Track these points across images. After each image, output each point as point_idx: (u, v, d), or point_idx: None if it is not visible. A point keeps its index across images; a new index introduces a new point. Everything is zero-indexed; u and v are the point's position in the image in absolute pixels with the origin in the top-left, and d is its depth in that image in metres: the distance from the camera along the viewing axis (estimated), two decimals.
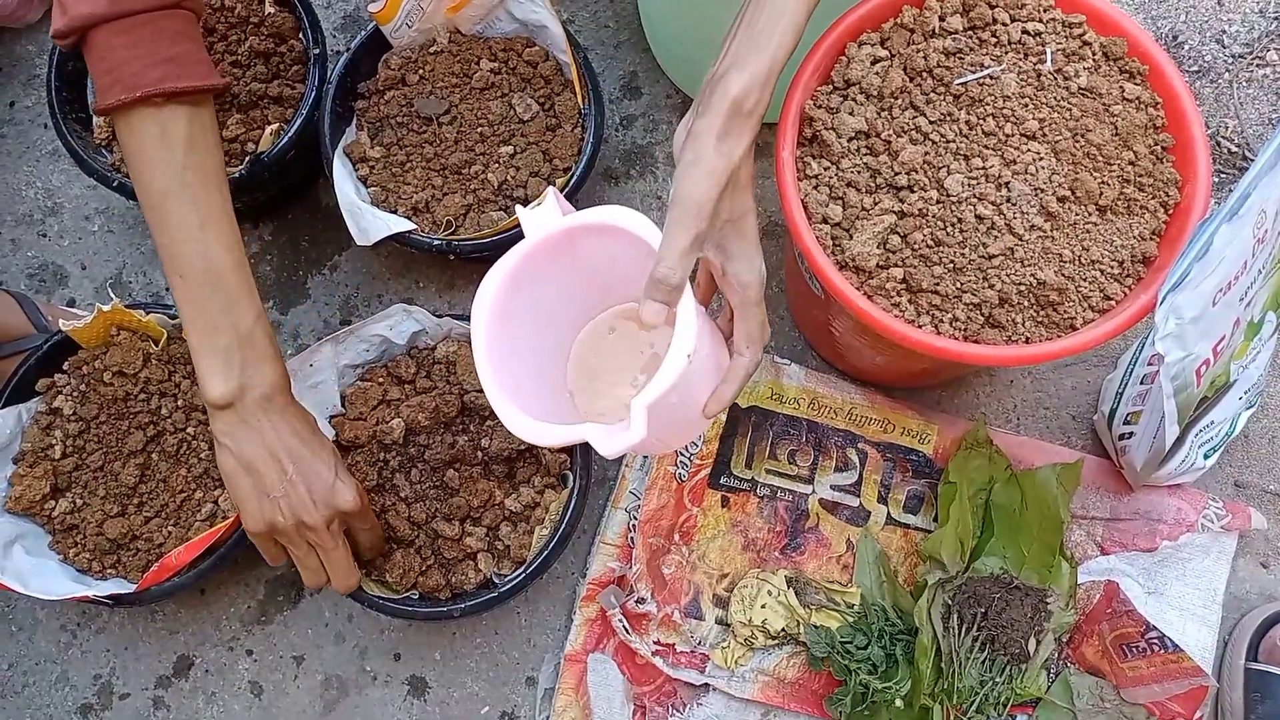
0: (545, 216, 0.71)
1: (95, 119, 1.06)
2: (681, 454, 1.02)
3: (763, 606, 0.96)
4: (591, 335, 0.80)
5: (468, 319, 0.95)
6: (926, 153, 0.77)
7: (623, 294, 0.78)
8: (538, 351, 0.76)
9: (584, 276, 0.75)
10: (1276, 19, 1.14)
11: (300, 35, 1.06)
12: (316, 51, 1.03)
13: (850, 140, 0.80)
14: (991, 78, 0.78)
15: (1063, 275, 0.76)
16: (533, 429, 0.68)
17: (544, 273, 0.73)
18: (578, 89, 1.01)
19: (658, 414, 0.64)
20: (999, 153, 0.77)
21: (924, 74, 0.79)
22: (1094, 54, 0.79)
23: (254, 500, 0.79)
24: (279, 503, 0.78)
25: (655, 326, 0.66)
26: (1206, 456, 0.95)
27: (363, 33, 1.04)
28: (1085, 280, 0.76)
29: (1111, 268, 0.77)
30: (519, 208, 0.72)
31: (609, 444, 0.63)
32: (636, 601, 0.98)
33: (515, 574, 0.90)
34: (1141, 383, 0.96)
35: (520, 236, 0.98)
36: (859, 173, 0.79)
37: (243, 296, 0.78)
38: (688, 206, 0.64)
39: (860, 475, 1.02)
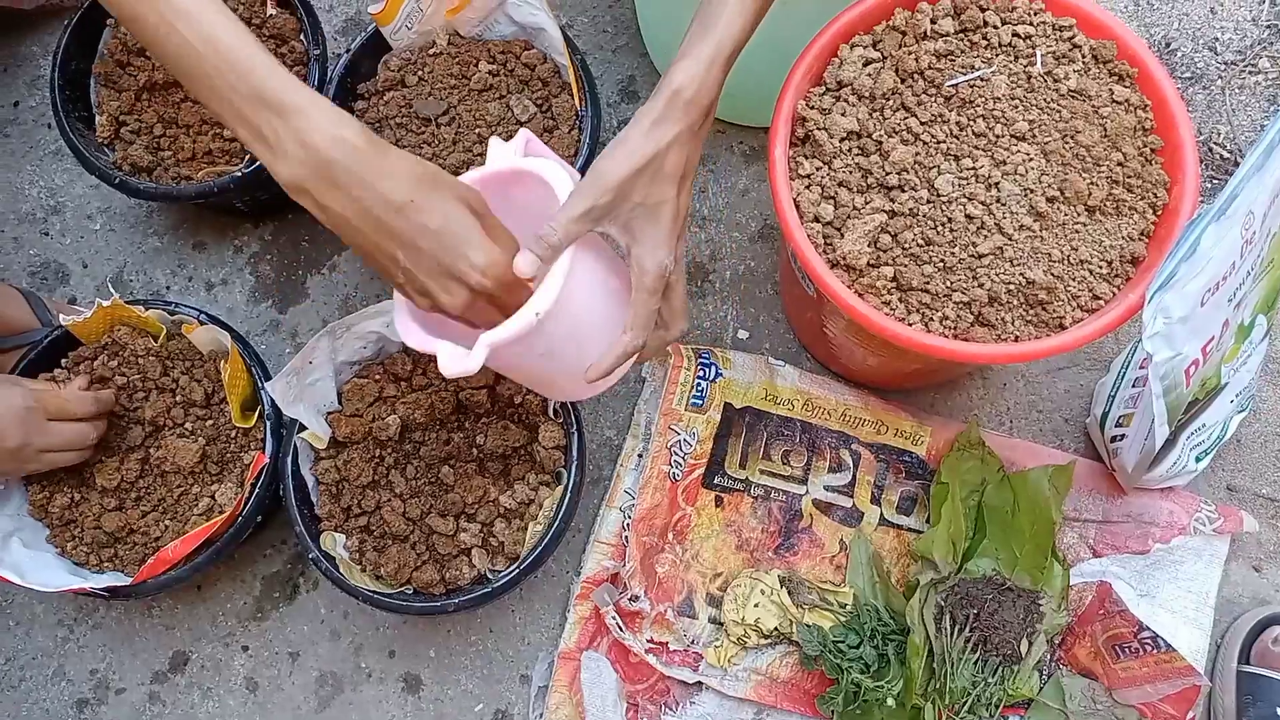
0: (506, 151, 0.74)
1: (98, 118, 1.07)
2: (676, 454, 1.03)
3: (756, 606, 0.97)
4: None
5: None
6: (917, 153, 0.78)
7: None
8: None
9: (525, 221, 0.76)
10: (1269, 27, 1.15)
11: (301, 37, 1.07)
12: (317, 53, 1.04)
13: (842, 140, 0.80)
14: (982, 79, 0.79)
15: (1052, 275, 0.76)
16: (405, 327, 0.73)
17: (494, 203, 0.73)
18: (575, 91, 1.02)
19: (519, 357, 0.69)
20: (989, 153, 0.78)
21: (915, 75, 0.80)
22: (1084, 56, 0.80)
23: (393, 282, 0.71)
24: (408, 289, 0.71)
25: (526, 277, 0.68)
26: (1198, 460, 0.95)
27: (363, 34, 1.05)
28: (1074, 280, 0.77)
29: (1100, 267, 0.77)
30: (493, 139, 0.75)
31: (449, 364, 0.68)
32: (630, 600, 0.98)
33: (509, 570, 0.91)
34: (1133, 386, 0.96)
35: None
36: (850, 172, 0.80)
37: (246, 61, 0.64)
38: (595, 178, 0.67)
39: (854, 476, 1.03)
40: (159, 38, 0.64)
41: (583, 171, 0.99)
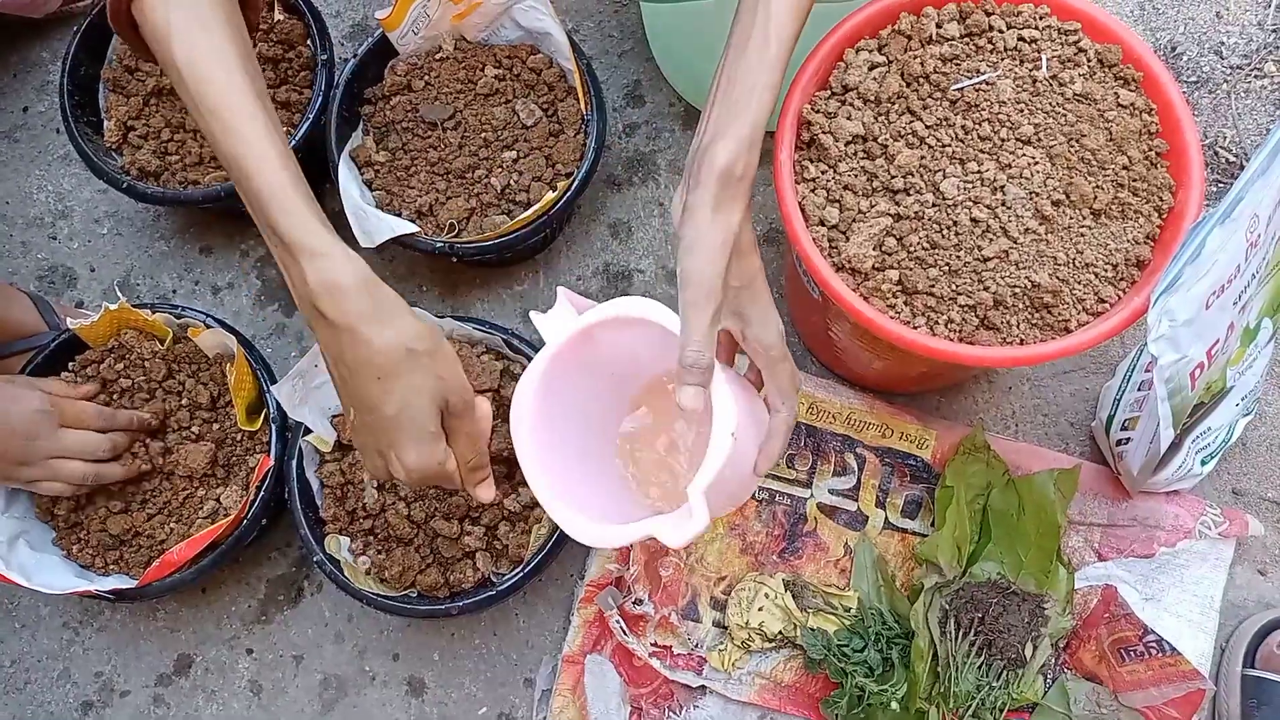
0: (561, 319, 0.72)
1: (106, 123, 1.08)
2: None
3: (760, 609, 0.97)
4: (632, 421, 0.82)
5: (469, 321, 0.97)
6: (923, 156, 0.78)
7: (654, 372, 0.80)
8: (583, 450, 0.77)
9: (612, 367, 0.76)
10: (1274, 31, 1.15)
11: (308, 42, 1.08)
12: (324, 58, 1.05)
13: (847, 144, 0.80)
14: (987, 83, 0.79)
15: (1057, 278, 0.76)
16: (599, 533, 0.69)
17: (572, 372, 0.74)
18: (581, 96, 1.03)
19: (714, 491, 0.65)
20: (994, 157, 0.78)
21: (921, 80, 0.80)
22: (1089, 60, 0.80)
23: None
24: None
25: (696, 411, 0.66)
26: (1204, 463, 0.95)
27: (370, 39, 1.05)
28: (1079, 283, 0.77)
29: (1105, 271, 0.77)
30: (534, 314, 0.73)
31: (677, 536, 0.64)
32: (634, 603, 0.98)
33: (513, 573, 0.91)
34: (1139, 389, 0.96)
35: (517, 243, 1.00)
36: (856, 176, 0.80)
37: (266, 193, 0.67)
38: (699, 286, 0.65)
39: (858, 480, 1.03)
40: (201, 130, 0.68)
41: (584, 175, 1.00)
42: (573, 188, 1.00)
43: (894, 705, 0.91)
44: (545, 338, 0.72)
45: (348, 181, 1.01)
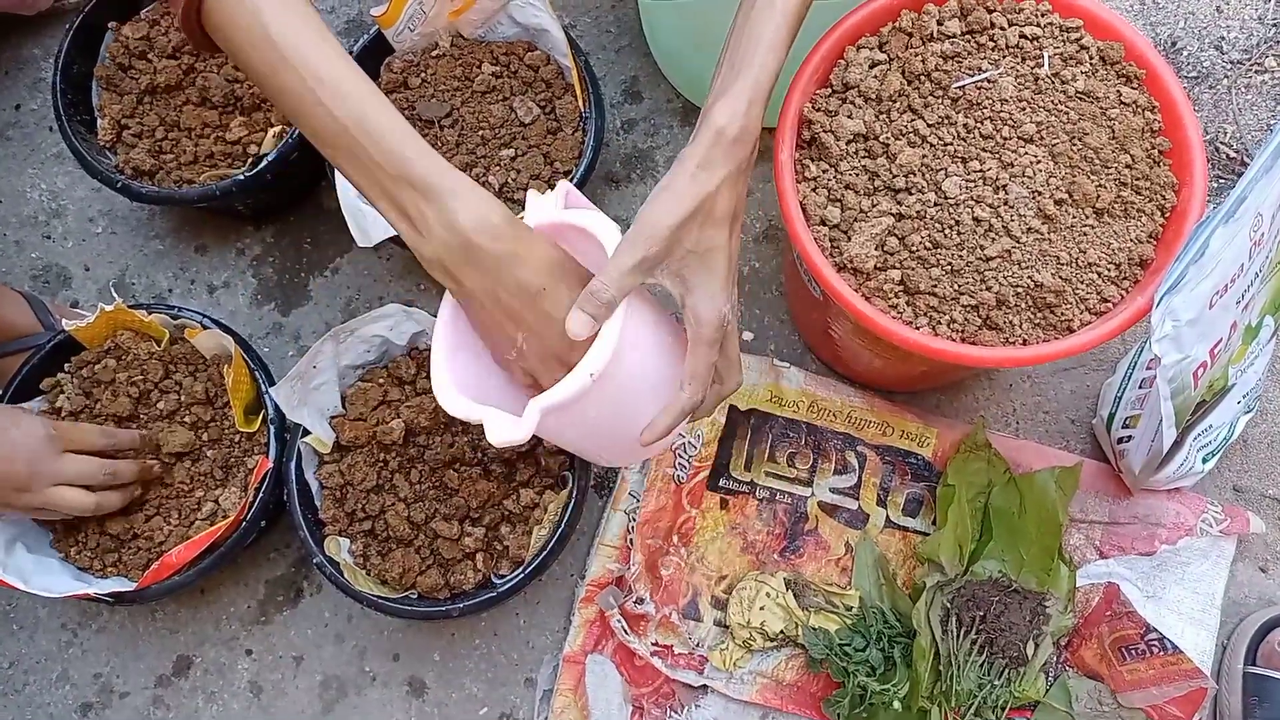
0: (547, 205, 0.71)
1: (100, 122, 1.07)
2: (680, 456, 1.03)
3: (761, 608, 0.97)
4: None
5: None
6: (924, 155, 0.78)
7: None
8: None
9: None
10: (1275, 26, 1.15)
11: None
12: None
13: (849, 143, 0.80)
14: (989, 81, 0.78)
15: (1060, 277, 0.76)
16: (447, 395, 0.69)
17: None
18: (578, 92, 1.02)
19: (571, 423, 0.65)
20: (996, 155, 0.77)
21: (922, 77, 0.80)
22: (1091, 58, 0.80)
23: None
24: (513, 366, 0.72)
25: (576, 337, 0.65)
26: (1205, 461, 0.95)
27: (365, 36, 1.04)
28: (1082, 282, 0.77)
29: (1108, 270, 0.77)
30: (531, 192, 0.73)
31: (498, 432, 0.65)
32: (635, 602, 0.98)
33: (514, 574, 0.90)
34: (1140, 387, 0.96)
35: None
36: (857, 175, 0.79)
37: (396, 144, 0.66)
38: (643, 227, 0.64)
39: (859, 478, 1.02)
40: (304, 110, 0.65)
41: (583, 173, 1.00)
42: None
43: (896, 704, 0.91)
44: (527, 214, 0.72)
45: (345, 180, 1.00)
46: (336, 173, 1.00)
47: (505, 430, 0.64)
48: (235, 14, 0.65)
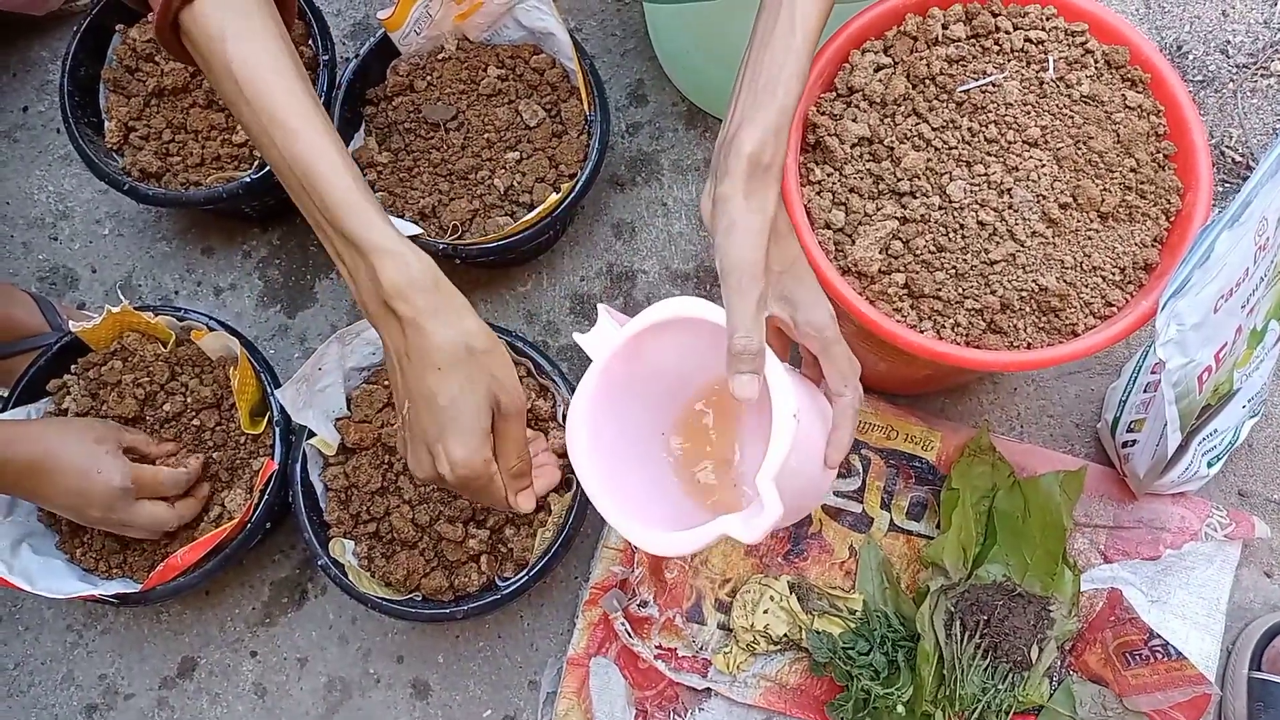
0: (605, 333, 0.70)
1: (107, 124, 1.07)
2: None
3: (765, 612, 0.96)
4: (687, 425, 0.79)
5: None
6: (929, 159, 0.78)
7: (704, 377, 0.77)
8: (644, 459, 0.75)
9: (662, 373, 0.74)
10: None
11: (310, 42, 1.07)
12: (326, 58, 1.04)
13: (853, 146, 0.80)
14: (994, 85, 0.78)
15: (1064, 281, 0.76)
16: (673, 543, 0.66)
17: (622, 385, 0.72)
18: (584, 96, 1.02)
19: (783, 483, 0.62)
20: (1001, 159, 0.77)
21: (927, 81, 0.80)
22: (1096, 62, 0.80)
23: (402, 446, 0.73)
24: (397, 435, 0.73)
25: (751, 399, 0.64)
26: (1210, 465, 0.94)
27: (371, 39, 1.05)
28: (1087, 286, 0.77)
29: (1113, 274, 0.77)
30: (577, 335, 0.71)
31: (749, 531, 0.62)
32: (639, 605, 0.98)
33: (518, 577, 0.90)
34: (1145, 391, 0.96)
35: (521, 245, 1.00)
36: (862, 179, 0.79)
37: (333, 194, 0.66)
38: (742, 271, 0.64)
39: (863, 482, 1.02)
40: (259, 145, 0.67)
41: (588, 176, 1.00)
42: (576, 189, 0.99)
43: (899, 708, 0.91)
44: (590, 355, 0.70)
45: None
46: None
47: (755, 525, 0.62)
48: (203, 39, 0.66)
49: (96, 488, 0.85)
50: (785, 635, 0.96)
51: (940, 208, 0.77)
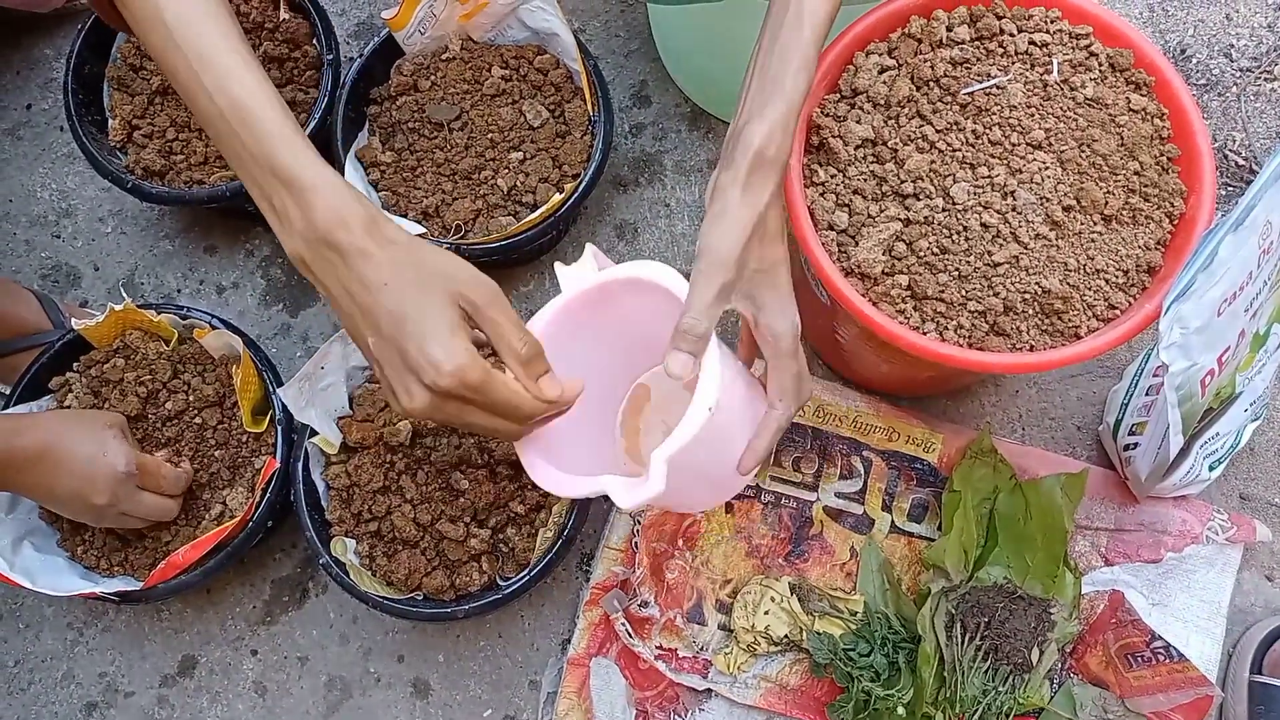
0: (581, 271, 0.71)
1: (110, 122, 1.07)
2: None
3: (766, 613, 0.96)
4: (637, 391, 0.81)
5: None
6: (933, 161, 0.78)
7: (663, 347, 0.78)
8: (590, 405, 0.75)
9: (627, 332, 0.75)
10: None
11: (314, 41, 1.07)
12: (330, 57, 1.04)
13: (857, 148, 0.80)
14: (998, 87, 0.78)
15: (1067, 284, 0.76)
16: (555, 480, 0.68)
17: (583, 327, 0.73)
18: (588, 96, 1.02)
19: (683, 467, 0.63)
20: (1005, 162, 0.77)
21: (931, 83, 0.80)
22: (1100, 65, 0.80)
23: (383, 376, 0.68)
24: (383, 388, 0.69)
25: (682, 379, 0.65)
26: (1212, 468, 0.94)
27: (376, 39, 1.05)
28: (1090, 289, 0.77)
29: (1116, 277, 0.77)
30: (557, 264, 0.72)
31: (628, 497, 0.63)
32: (640, 606, 0.98)
33: (519, 576, 0.91)
34: (1147, 394, 0.96)
35: (524, 245, 1.00)
36: (865, 180, 0.79)
37: (264, 130, 0.64)
38: (714, 258, 0.65)
39: (865, 483, 1.02)
40: (189, 93, 0.65)
41: (591, 177, 1.00)
42: (579, 189, 1.00)
43: (900, 710, 0.91)
44: (562, 287, 0.71)
45: (354, 182, 1.00)
46: (346, 174, 1.01)
47: (635, 494, 0.63)
48: None
49: (102, 471, 0.85)
50: (786, 636, 0.96)
51: (944, 210, 0.77)
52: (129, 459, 0.87)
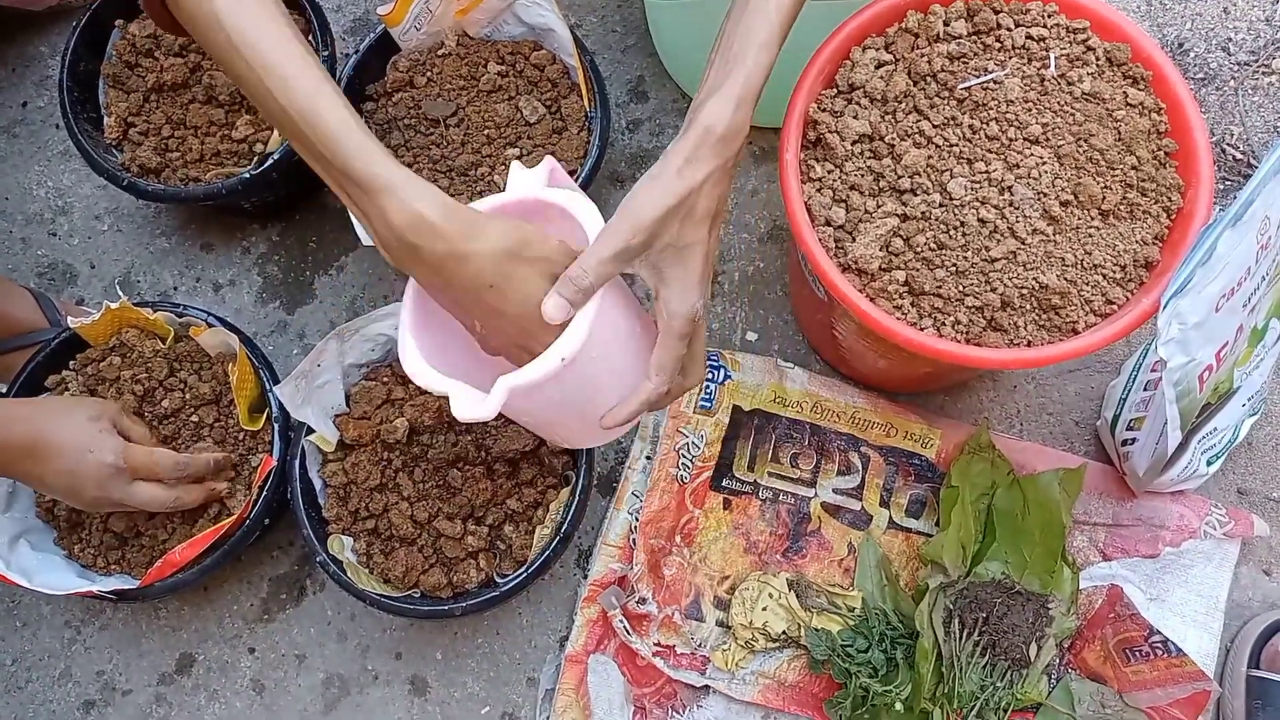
0: (529, 180, 0.71)
1: (106, 119, 1.07)
2: (683, 456, 1.03)
3: (764, 609, 0.96)
4: None
5: None
6: (930, 156, 0.78)
7: None
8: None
9: None
10: None
11: (310, 37, 1.07)
12: (326, 54, 1.04)
13: (854, 143, 0.80)
14: (995, 82, 0.78)
15: (1065, 279, 0.76)
16: (416, 366, 0.69)
17: None
18: (584, 92, 1.02)
19: (538, 403, 0.66)
20: (1002, 157, 0.77)
21: (928, 78, 0.79)
22: (1097, 59, 0.80)
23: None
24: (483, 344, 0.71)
25: (551, 321, 0.65)
26: (1209, 463, 0.94)
27: (371, 35, 1.05)
28: (1087, 284, 0.77)
29: (1114, 272, 0.77)
30: (515, 164, 0.72)
31: (464, 407, 0.65)
32: (638, 602, 0.98)
33: (516, 573, 0.90)
34: (1145, 389, 0.96)
35: None
36: (862, 176, 0.79)
37: (335, 135, 0.65)
38: (626, 217, 0.65)
39: (862, 479, 1.02)
40: (257, 97, 0.65)
41: (588, 173, 1.00)
42: (577, 185, 0.99)
43: (898, 706, 0.91)
44: (507, 186, 0.72)
45: None
46: None
47: (471, 406, 0.65)
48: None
49: (89, 467, 0.84)
50: (784, 632, 0.96)
51: (941, 205, 0.77)
52: (117, 453, 0.85)
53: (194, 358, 0.98)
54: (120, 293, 0.97)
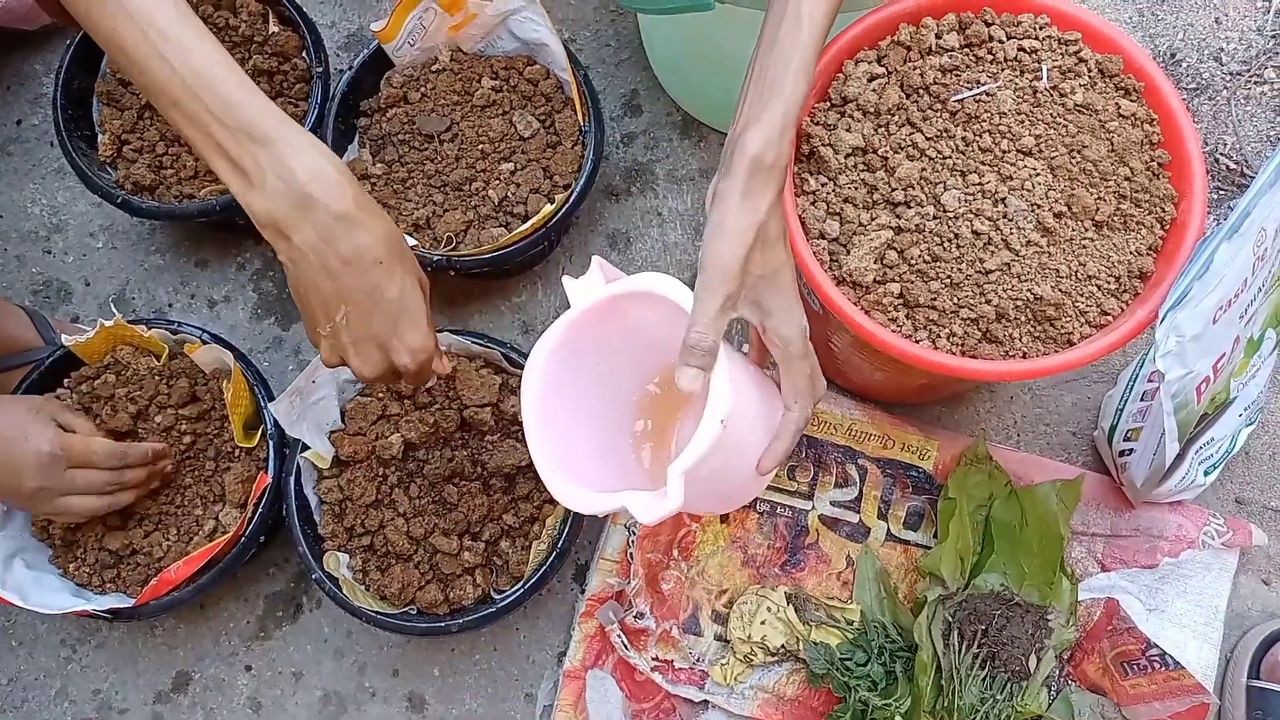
0: (589, 285, 0.71)
1: (100, 137, 1.07)
2: None
3: (762, 623, 0.96)
4: (645, 399, 0.80)
5: (466, 334, 0.96)
6: (923, 169, 0.78)
7: (670, 358, 0.78)
8: (598, 417, 0.76)
9: (638, 341, 0.75)
10: (1274, 37, 1.15)
11: (303, 54, 1.07)
12: (319, 70, 1.04)
13: (847, 156, 0.80)
14: (988, 94, 0.78)
15: (1059, 290, 0.76)
16: (577, 497, 0.68)
17: (595, 340, 0.73)
18: (578, 106, 1.02)
19: (702, 478, 0.64)
20: (995, 169, 0.77)
21: (921, 91, 0.80)
22: (1090, 71, 0.80)
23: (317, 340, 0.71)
24: (323, 343, 0.71)
25: (691, 392, 0.65)
26: (1207, 473, 0.94)
27: (365, 51, 1.05)
28: (1082, 295, 0.77)
29: (1108, 283, 0.77)
30: (565, 278, 0.72)
31: (648, 512, 0.63)
32: (635, 617, 0.98)
33: (513, 589, 0.90)
34: (1141, 399, 0.95)
35: (515, 255, 0.99)
36: (856, 189, 0.79)
37: (235, 94, 0.65)
38: (716, 269, 0.65)
39: (860, 491, 1.02)
40: (146, 65, 0.64)
41: (583, 187, 1.00)
42: (571, 199, 0.99)
43: (898, 719, 0.90)
44: (570, 301, 0.71)
45: None
46: None
47: (656, 508, 0.63)
48: None
49: (24, 455, 0.84)
50: (782, 646, 0.95)
51: (935, 217, 0.77)
52: (53, 442, 0.85)
53: (189, 375, 0.98)
54: (115, 310, 0.97)
